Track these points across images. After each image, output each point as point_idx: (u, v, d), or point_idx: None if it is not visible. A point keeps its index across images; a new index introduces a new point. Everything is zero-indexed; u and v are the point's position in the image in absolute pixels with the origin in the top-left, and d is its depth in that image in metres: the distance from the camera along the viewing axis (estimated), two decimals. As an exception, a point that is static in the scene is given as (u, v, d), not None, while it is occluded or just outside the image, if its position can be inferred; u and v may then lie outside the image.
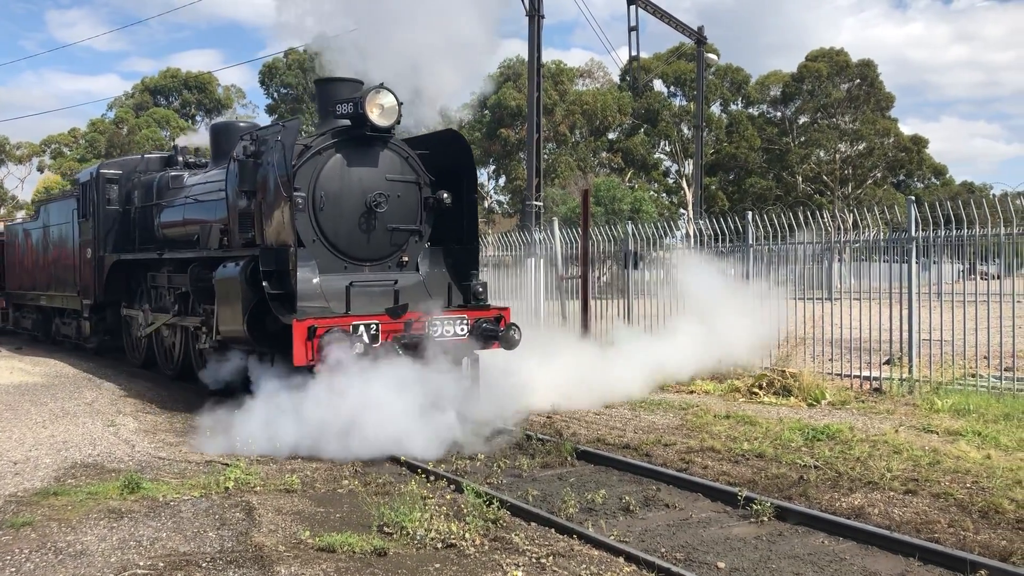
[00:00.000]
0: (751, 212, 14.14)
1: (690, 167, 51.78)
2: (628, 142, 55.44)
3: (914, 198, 11.99)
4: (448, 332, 9.64)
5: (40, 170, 62.09)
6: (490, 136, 51.91)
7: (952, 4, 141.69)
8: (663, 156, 59.17)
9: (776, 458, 8.07)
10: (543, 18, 21.63)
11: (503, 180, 56.85)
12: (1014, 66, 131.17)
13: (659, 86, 57.80)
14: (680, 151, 56.66)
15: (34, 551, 5.61)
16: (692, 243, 15.39)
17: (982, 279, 11.63)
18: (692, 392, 12.15)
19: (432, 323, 9.51)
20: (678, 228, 16.57)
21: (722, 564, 5.52)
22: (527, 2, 21.20)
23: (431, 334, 9.45)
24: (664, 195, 58.51)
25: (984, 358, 12.01)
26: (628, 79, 52.16)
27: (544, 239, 17.24)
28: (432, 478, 7.44)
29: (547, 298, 16.95)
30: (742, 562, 5.56)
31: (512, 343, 9.98)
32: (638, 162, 55.80)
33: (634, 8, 30.02)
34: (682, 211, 53.55)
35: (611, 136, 56.45)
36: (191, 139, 18.20)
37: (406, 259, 10.58)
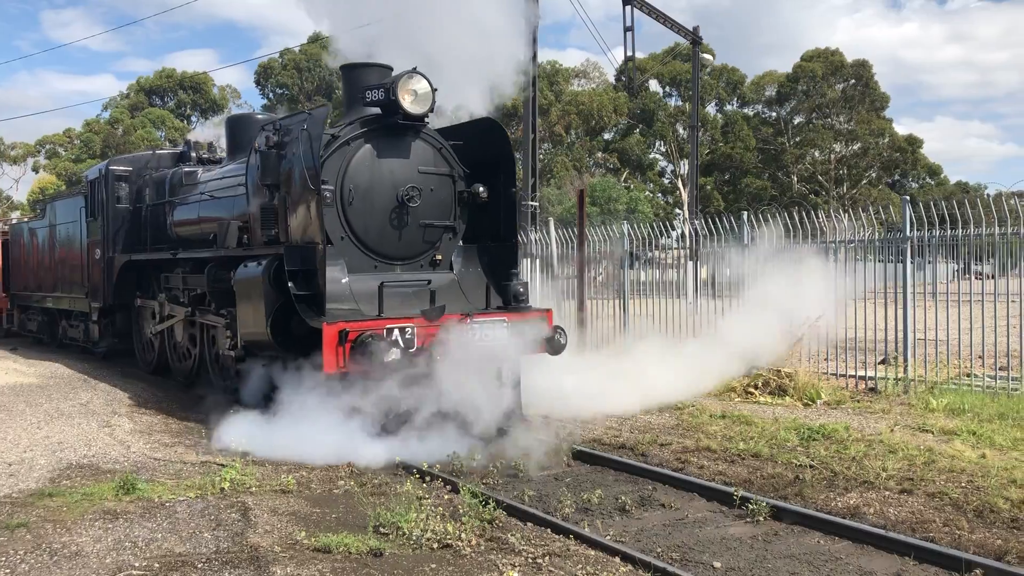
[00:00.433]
0: (747, 212, 14.16)
1: (686, 167, 51.83)
2: (624, 142, 55.52)
3: (909, 198, 12.01)
4: (487, 335, 9.01)
5: (35, 170, 62.01)
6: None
7: (946, 4, 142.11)
8: (659, 156, 59.27)
9: (772, 458, 8.08)
10: (539, 18, 21.66)
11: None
12: (1008, 66, 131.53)
13: (655, 86, 57.89)
14: (676, 151, 56.73)
15: (29, 552, 5.60)
16: (688, 243, 15.41)
17: (976, 279, 11.66)
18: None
19: (470, 326, 8.91)
20: (673, 228, 16.45)
21: (718, 564, 5.52)
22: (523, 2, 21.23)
23: (470, 337, 8.85)
24: (660, 195, 58.59)
25: (979, 358, 12.04)
26: (624, 79, 52.17)
27: (540, 239, 17.25)
28: (428, 478, 7.44)
29: (543, 299, 16.95)
30: (738, 562, 5.57)
31: (558, 347, 9.37)
32: (634, 162, 55.87)
33: (629, 8, 30.06)
34: (677, 211, 53.62)
35: (607, 136, 56.52)
36: (204, 133, 17.55)
37: (439, 257, 9.94)
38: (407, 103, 9.14)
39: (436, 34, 9.13)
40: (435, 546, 5.71)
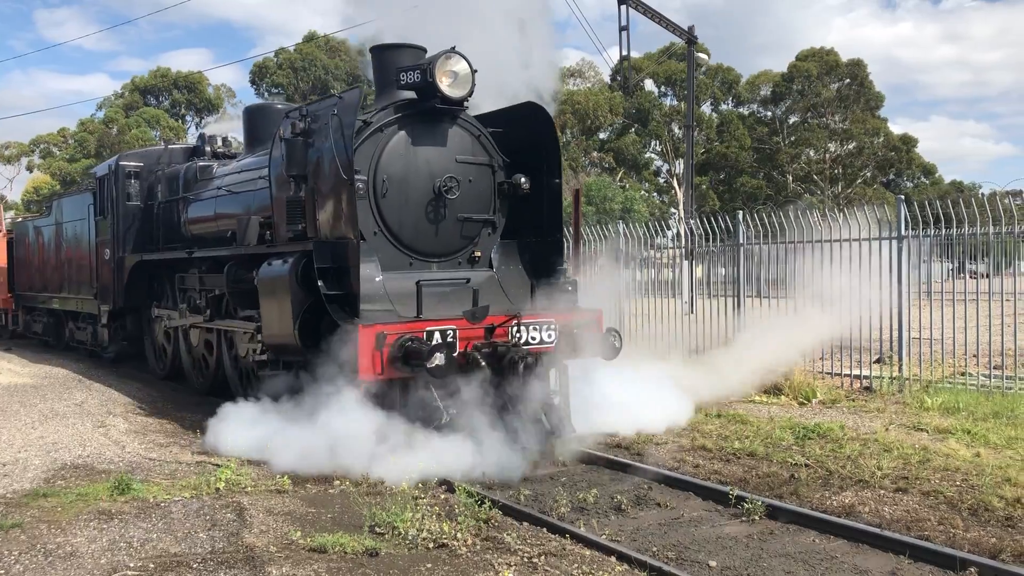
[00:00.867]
0: (742, 211, 14.17)
1: (681, 166, 51.88)
2: (619, 142, 55.52)
3: (903, 197, 12.03)
4: (535, 339, 8.37)
5: (29, 170, 61.83)
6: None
7: (940, 4, 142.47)
8: (654, 156, 59.30)
9: (767, 457, 8.10)
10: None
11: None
12: (1002, 66, 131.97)
13: (650, 86, 57.88)
14: (671, 151, 56.76)
15: (24, 553, 5.59)
16: (683, 242, 15.41)
17: (971, 278, 11.69)
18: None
19: (517, 328, 8.31)
20: (669, 228, 16.41)
21: (713, 563, 5.53)
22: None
23: (516, 341, 8.25)
24: (655, 195, 58.62)
25: (973, 356, 12.06)
26: (619, 79, 52.20)
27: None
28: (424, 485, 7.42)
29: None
30: (733, 561, 5.58)
31: (612, 351, 8.67)
32: (629, 162, 55.89)
33: (625, 8, 30.05)
34: (673, 210, 53.65)
35: (602, 136, 56.52)
36: (219, 127, 16.78)
37: (478, 254, 9.26)
38: (445, 86, 8.49)
39: (444, 26, 8.87)
40: (431, 546, 5.71)
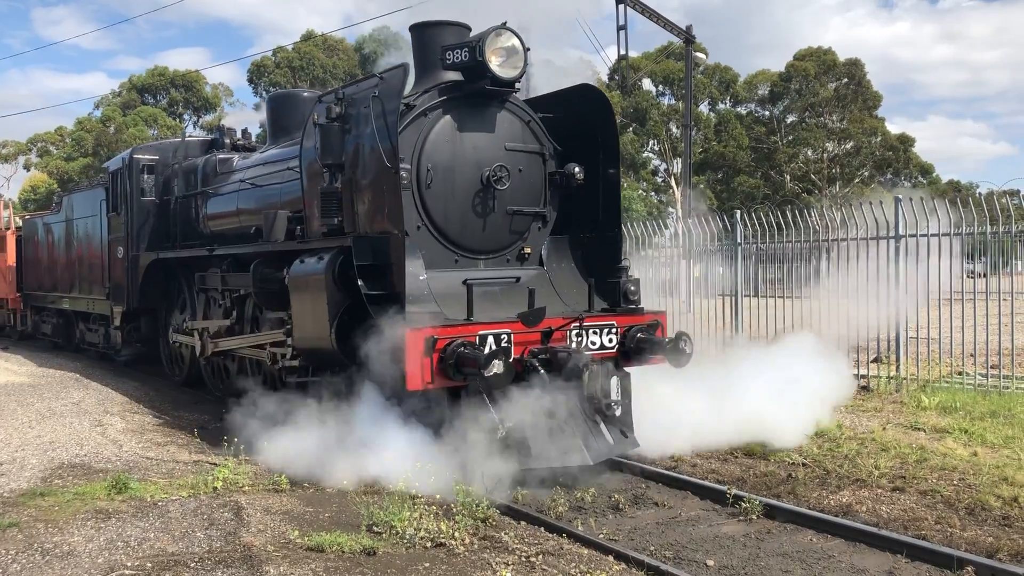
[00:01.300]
0: (739, 211, 14.18)
1: (679, 166, 51.90)
2: (617, 141, 55.44)
3: (901, 196, 12.03)
4: (595, 344, 7.79)
5: (27, 168, 61.72)
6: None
7: (938, 3, 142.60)
8: (652, 155, 59.28)
9: (764, 456, 8.10)
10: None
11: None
12: (999, 65, 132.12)
13: (648, 85, 57.88)
14: (669, 150, 56.76)
15: (21, 552, 5.58)
16: (681, 241, 15.41)
17: (969, 277, 11.69)
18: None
19: (576, 332, 7.73)
20: (667, 226, 16.42)
21: (711, 562, 5.53)
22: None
23: (576, 347, 7.62)
24: (653, 194, 58.62)
25: (971, 356, 12.07)
26: (617, 78, 52.24)
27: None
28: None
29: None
30: (731, 560, 5.58)
31: (682, 358, 7.93)
32: (627, 161, 55.86)
33: (623, 7, 30.05)
34: (670, 210, 53.66)
35: (600, 135, 56.42)
36: (237, 119, 16.57)
37: (528, 251, 8.55)
38: (495, 65, 7.80)
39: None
40: (428, 545, 5.71)
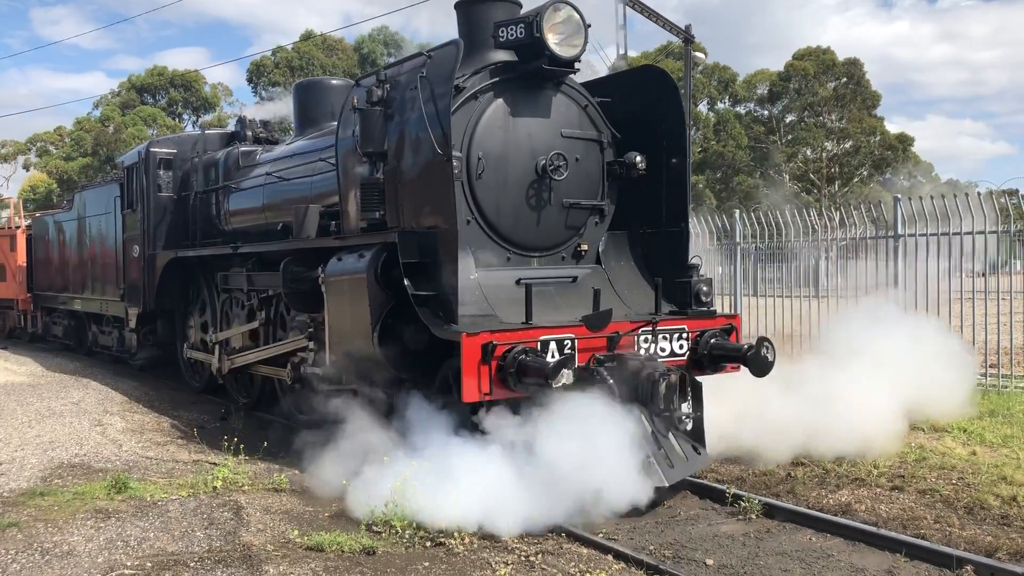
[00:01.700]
0: (739, 211, 14.19)
1: (678, 165, 51.85)
2: (616, 140, 55.48)
3: (900, 196, 12.05)
4: (664, 350, 7.20)
5: (26, 168, 61.70)
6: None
7: (936, 3, 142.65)
8: (651, 154, 59.25)
9: (763, 455, 8.09)
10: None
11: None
12: (998, 65, 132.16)
13: (647, 84, 57.81)
14: (668, 149, 56.74)
15: (20, 552, 5.58)
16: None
17: (967, 277, 11.70)
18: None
19: (643, 337, 7.10)
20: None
21: (710, 561, 5.54)
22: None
23: (643, 353, 7.04)
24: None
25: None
26: (616, 77, 52.17)
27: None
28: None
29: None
30: (730, 559, 5.58)
31: (764, 366, 7.24)
32: (626, 160, 55.89)
33: (622, 6, 30.04)
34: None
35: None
36: (259, 111, 14.78)
37: (585, 247, 7.90)
38: (555, 43, 7.15)
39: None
40: (428, 544, 5.71)
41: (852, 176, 58.27)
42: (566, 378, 6.12)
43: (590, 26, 7.35)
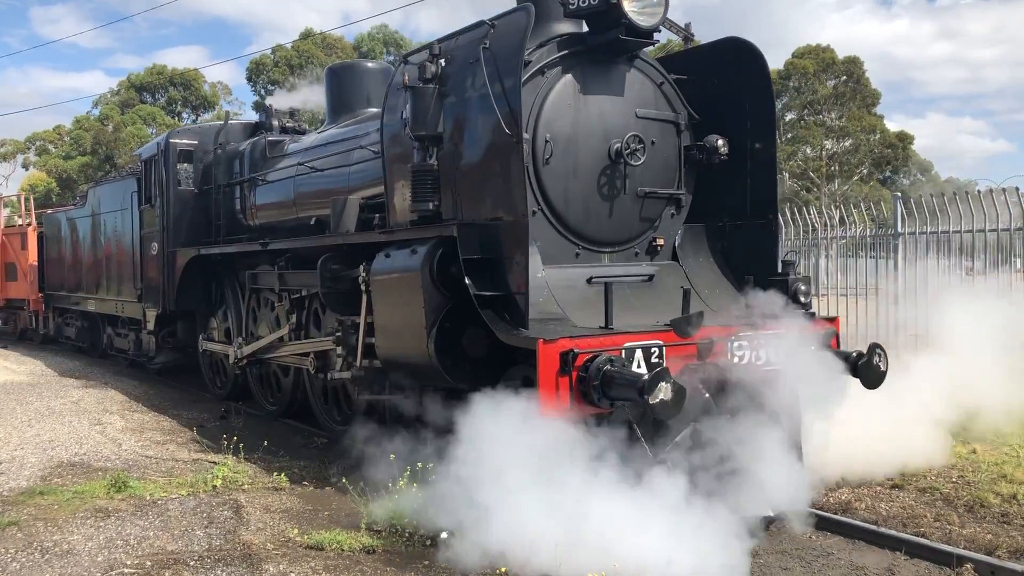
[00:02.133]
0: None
1: (678, 164, 51.85)
2: (616, 139, 55.47)
3: (900, 194, 12.04)
4: (759, 359, 6.26)
5: (25, 167, 61.69)
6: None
7: (936, 1, 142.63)
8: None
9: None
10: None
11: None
12: (998, 63, 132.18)
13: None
14: (668, 148, 56.75)
15: (20, 551, 5.58)
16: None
17: (967, 275, 11.69)
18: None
19: (737, 344, 6.23)
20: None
21: (710, 560, 5.51)
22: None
23: (739, 362, 6.19)
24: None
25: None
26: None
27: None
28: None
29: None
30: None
31: (877, 376, 6.50)
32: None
33: (621, 5, 30.00)
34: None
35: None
36: (284, 100, 13.78)
37: (660, 242, 7.16)
38: (632, 11, 6.43)
39: None
40: (427, 543, 5.70)
41: (852, 174, 58.28)
42: (664, 393, 5.36)
43: None
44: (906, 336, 11.03)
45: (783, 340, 6.33)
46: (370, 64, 10.37)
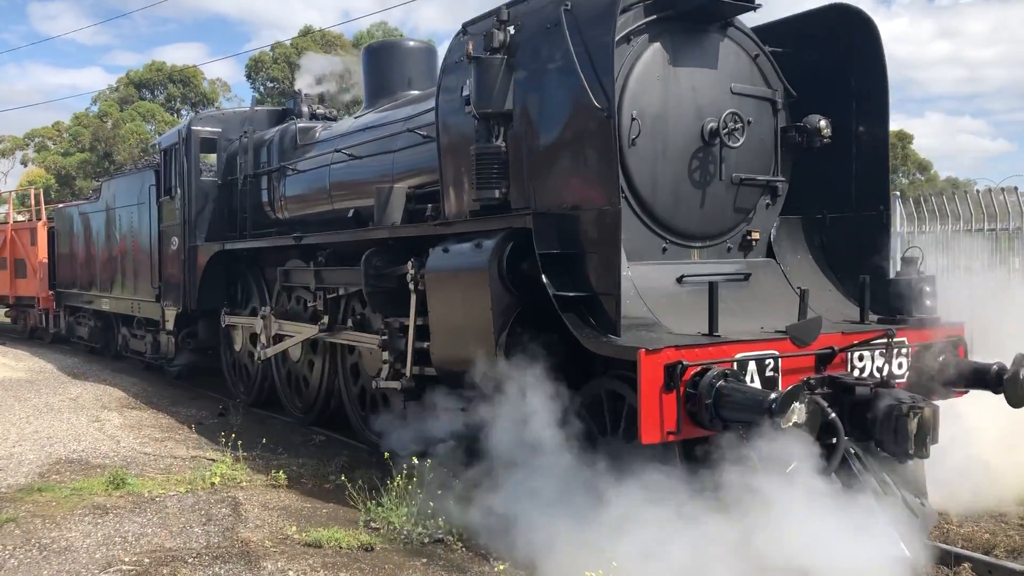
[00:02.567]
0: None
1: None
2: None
3: (899, 193, 12.04)
4: (880, 371, 5.54)
5: (24, 164, 61.65)
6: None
7: (935, 0, 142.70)
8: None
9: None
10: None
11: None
12: (997, 63, 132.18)
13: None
14: (667, 146, 56.73)
15: (18, 547, 5.58)
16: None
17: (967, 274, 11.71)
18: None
19: (858, 354, 5.51)
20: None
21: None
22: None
23: (885, 378, 5.43)
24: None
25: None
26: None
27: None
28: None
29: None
30: (728, 556, 5.57)
31: (1020, 391, 5.53)
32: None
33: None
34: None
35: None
36: (318, 84, 12.76)
37: (756, 236, 6.38)
38: None
39: None
40: (426, 541, 5.70)
41: (851, 173, 58.25)
42: (798, 415, 4.55)
43: None
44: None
45: (914, 350, 5.70)
46: (411, 43, 9.74)
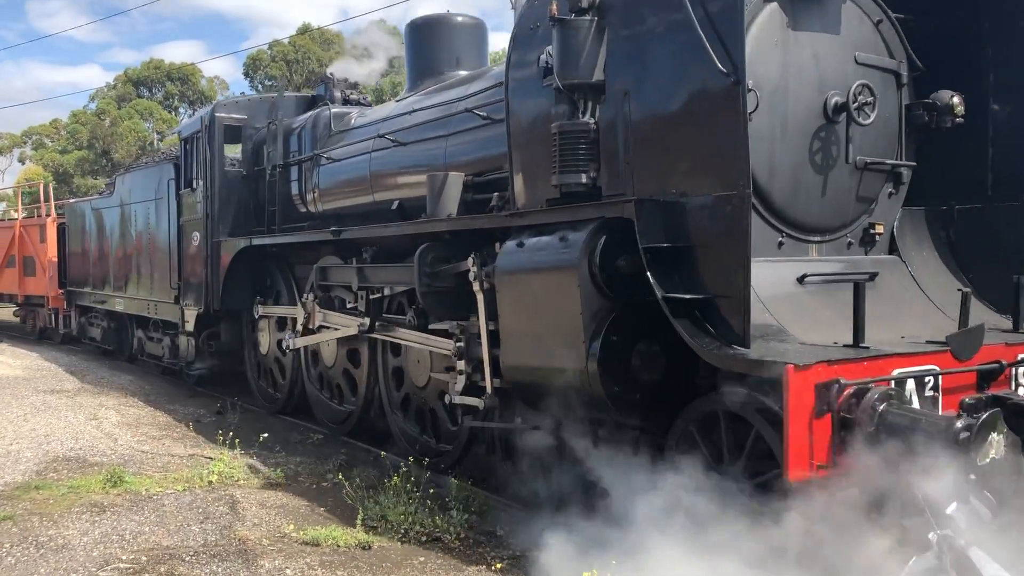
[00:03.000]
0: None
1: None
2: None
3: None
4: None
5: (21, 161, 61.59)
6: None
7: None
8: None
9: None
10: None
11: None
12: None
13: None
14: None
15: (15, 545, 5.58)
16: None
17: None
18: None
19: (1023, 371, 4.73)
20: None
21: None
22: (513, -5, 21.02)
23: None
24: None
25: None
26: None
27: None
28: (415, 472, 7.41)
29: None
30: (725, 555, 5.58)
31: None
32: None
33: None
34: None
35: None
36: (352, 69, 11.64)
37: (879, 229, 5.56)
38: None
39: None
40: (423, 539, 5.71)
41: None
42: (996, 449, 3.81)
43: None
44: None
45: None
46: (460, 19, 8.74)
